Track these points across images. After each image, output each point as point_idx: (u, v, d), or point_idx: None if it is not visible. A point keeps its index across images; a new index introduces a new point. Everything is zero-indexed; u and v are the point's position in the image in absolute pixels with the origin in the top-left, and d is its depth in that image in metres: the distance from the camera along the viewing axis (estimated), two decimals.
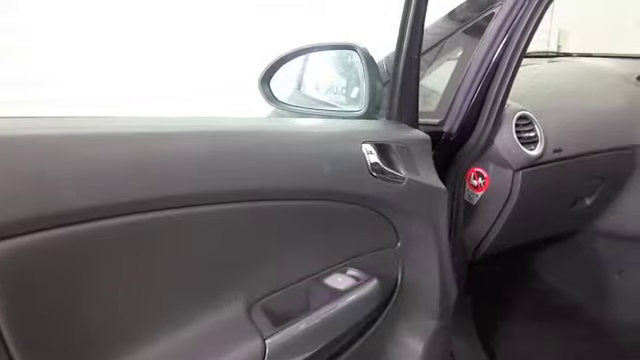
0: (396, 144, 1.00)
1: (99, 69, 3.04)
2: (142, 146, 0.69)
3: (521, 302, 2.01)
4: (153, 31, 3.19)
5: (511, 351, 1.70)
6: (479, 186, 1.35)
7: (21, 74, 2.82)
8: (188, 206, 0.70)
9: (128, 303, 0.68)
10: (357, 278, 0.93)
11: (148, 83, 3.13)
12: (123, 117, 0.78)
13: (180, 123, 0.79)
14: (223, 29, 3.38)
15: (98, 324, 0.66)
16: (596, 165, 1.49)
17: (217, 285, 0.77)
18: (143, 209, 0.65)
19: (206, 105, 3.11)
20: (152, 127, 0.74)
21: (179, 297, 0.74)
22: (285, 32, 3.10)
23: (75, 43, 2.99)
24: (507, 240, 1.50)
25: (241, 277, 0.80)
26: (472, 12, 1.24)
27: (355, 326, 0.95)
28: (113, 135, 0.68)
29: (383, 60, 1.24)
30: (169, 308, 0.72)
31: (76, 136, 0.65)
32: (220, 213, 0.74)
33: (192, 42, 3.28)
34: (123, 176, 0.65)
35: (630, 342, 1.74)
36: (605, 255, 1.86)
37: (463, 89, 1.18)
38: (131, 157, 0.67)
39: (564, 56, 2.07)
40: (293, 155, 0.85)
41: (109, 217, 0.63)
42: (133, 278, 0.68)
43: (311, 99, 1.47)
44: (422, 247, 1.09)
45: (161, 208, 0.67)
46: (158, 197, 0.67)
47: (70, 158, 0.62)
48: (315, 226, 0.90)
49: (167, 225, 0.69)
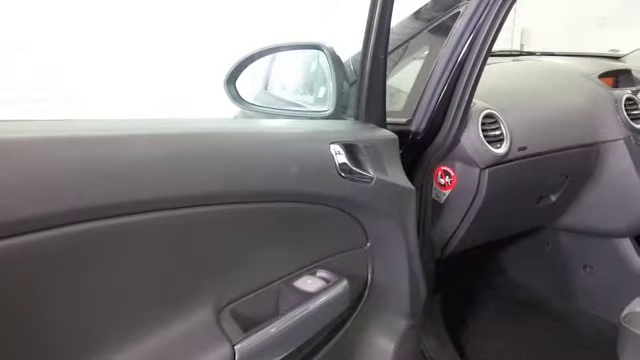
0: (364, 144, 1.00)
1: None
2: (98, 150, 0.66)
3: (489, 298, 2.04)
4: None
5: (480, 347, 1.72)
6: (446, 184, 1.36)
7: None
8: (150, 211, 0.68)
9: (91, 311, 0.66)
10: (327, 280, 0.93)
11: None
12: (77, 120, 0.74)
13: (139, 125, 0.76)
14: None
15: (61, 333, 0.63)
16: (560, 162, 1.52)
17: (184, 291, 0.75)
18: (101, 216, 0.63)
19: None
20: (108, 130, 0.71)
21: (144, 304, 0.72)
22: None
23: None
24: (475, 237, 1.51)
25: (209, 282, 0.78)
26: (438, 11, 1.25)
27: (326, 328, 0.94)
28: (65, 139, 0.65)
29: (350, 60, 1.24)
30: (134, 315, 0.70)
31: (23, 140, 0.61)
32: (184, 218, 0.72)
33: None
34: (77, 182, 0.62)
35: (595, 334, 1.77)
36: (570, 250, 1.90)
37: (430, 88, 1.18)
38: (86, 162, 0.64)
39: (528, 55, 2.10)
40: (260, 157, 0.84)
41: (64, 225, 0.60)
42: (95, 286, 0.66)
43: (278, 99, 1.46)
44: (391, 246, 1.09)
45: (121, 214, 0.65)
46: (117, 203, 0.65)
47: (17, 164, 0.59)
48: (284, 228, 0.89)
49: (128, 231, 0.67)
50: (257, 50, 1.27)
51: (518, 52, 2.14)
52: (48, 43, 2.90)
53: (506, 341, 1.78)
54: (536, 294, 2.02)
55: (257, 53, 1.28)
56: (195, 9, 3.36)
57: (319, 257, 0.96)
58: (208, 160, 0.76)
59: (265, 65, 1.46)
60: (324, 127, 1.04)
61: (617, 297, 1.24)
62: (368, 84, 1.06)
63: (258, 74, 1.45)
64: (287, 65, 1.47)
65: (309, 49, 1.28)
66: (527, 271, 2.10)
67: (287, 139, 0.94)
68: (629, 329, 1.03)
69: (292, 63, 1.46)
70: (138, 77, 3.14)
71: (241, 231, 0.82)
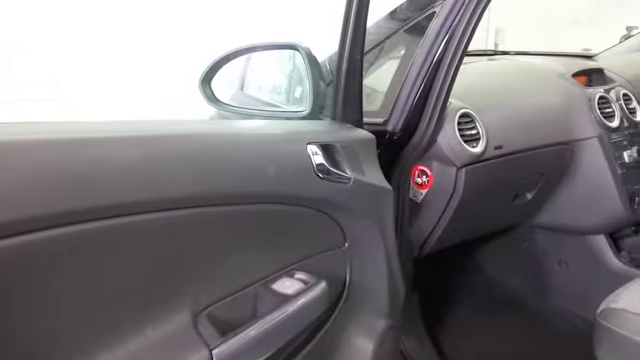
0: (341, 144, 0.99)
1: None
2: (70, 153, 0.64)
3: (467, 296, 2.05)
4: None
5: (458, 345, 1.73)
6: (423, 184, 1.36)
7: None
8: (125, 215, 0.66)
9: (66, 316, 0.65)
10: (305, 281, 0.92)
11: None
12: (45, 122, 0.72)
13: (112, 127, 0.75)
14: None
15: (34, 337, 0.62)
16: (535, 161, 1.53)
17: (159, 295, 0.74)
18: (74, 220, 0.62)
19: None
20: (81, 132, 0.69)
21: (119, 309, 0.70)
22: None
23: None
24: (452, 236, 1.52)
25: (185, 286, 0.77)
26: (413, 11, 1.25)
27: (305, 330, 0.93)
28: (37, 142, 0.63)
29: (326, 60, 1.24)
30: (109, 321, 0.69)
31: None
32: (159, 221, 0.71)
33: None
34: (49, 186, 0.60)
35: (570, 330, 1.79)
36: (546, 247, 1.92)
37: (406, 88, 1.18)
38: (58, 165, 0.62)
39: (502, 54, 2.11)
40: (236, 158, 0.83)
41: (37, 230, 0.59)
42: (69, 292, 0.65)
43: (254, 100, 1.45)
44: (369, 247, 1.08)
45: (94, 218, 0.63)
46: (91, 207, 0.63)
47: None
48: (261, 230, 0.88)
49: (102, 236, 0.65)
50: (232, 50, 1.26)
51: (493, 52, 2.16)
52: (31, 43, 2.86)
53: (484, 339, 1.79)
54: (513, 291, 2.04)
55: (232, 53, 1.26)
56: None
57: (297, 259, 0.95)
58: (183, 162, 0.75)
59: (241, 65, 1.45)
60: (301, 127, 1.04)
61: (592, 293, 1.25)
62: (345, 84, 1.06)
63: (234, 74, 1.43)
64: (263, 65, 1.46)
65: (285, 49, 1.27)
66: (504, 269, 2.11)
67: (264, 140, 0.93)
68: (605, 325, 1.04)
69: (268, 63, 1.45)
70: (120, 76, 3.11)
71: (217, 234, 0.80)
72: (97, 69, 3.01)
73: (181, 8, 3.25)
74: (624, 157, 1.67)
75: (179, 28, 3.24)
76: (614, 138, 1.66)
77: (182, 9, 3.25)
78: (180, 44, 3.22)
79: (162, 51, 3.19)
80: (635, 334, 0.98)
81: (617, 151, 1.66)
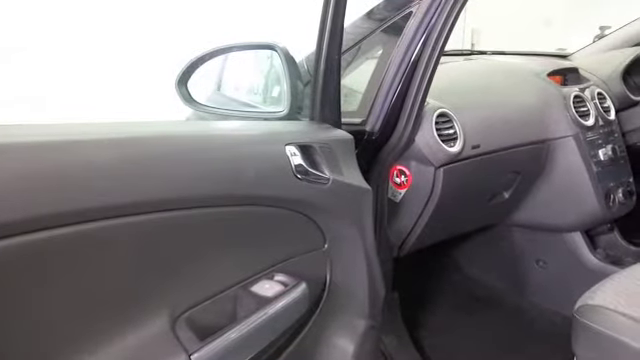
0: (320, 145, 0.99)
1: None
2: (43, 157, 0.63)
3: (446, 294, 2.06)
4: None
5: (439, 344, 1.73)
6: (402, 184, 1.36)
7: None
8: (100, 219, 0.65)
9: (42, 321, 0.64)
10: (285, 283, 0.91)
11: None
12: (19, 125, 0.70)
13: (87, 130, 0.73)
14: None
15: (10, 344, 0.61)
16: (512, 160, 1.54)
17: (137, 300, 0.73)
18: (49, 225, 0.60)
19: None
20: (54, 135, 0.68)
21: (97, 315, 0.69)
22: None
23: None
24: (431, 235, 1.52)
25: (163, 291, 0.76)
26: (390, 11, 1.25)
27: (285, 332, 0.93)
28: (7, 145, 0.61)
29: (304, 60, 1.23)
30: (86, 327, 0.68)
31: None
32: (136, 225, 0.70)
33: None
34: (22, 190, 0.59)
35: (549, 327, 1.81)
36: (523, 246, 1.94)
37: (384, 88, 1.18)
38: (31, 169, 0.61)
39: (479, 54, 2.13)
40: (214, 160, 0.82)
41: (9, 236, 0.57)
42: (46, 296, 0.63)
43: (232, 100, 1.44)
44: (349, 247, 1.08)
45: (71, 223, 0.62)
46: (66, 211, 0.62)
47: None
48: (239, 233, 0.87)
49: (80, 240, 0.64)
50: (209, 50, 1.25)
51: (469, 51, 2.17)
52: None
53: (463, 337, 1.80)
54: (492, 289, 2.06)
55: (209, 53, 1.25)
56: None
57: (277, 260, 0.94)
58: (159, 165, 0.74)
59: (218, 65, 1.44)
60: (279, 128, 1.03)
61: (570, 290, 1.26)
62: (322, 84, 1.05)
63: (211, 75, 1.42)
64: (240, 65, 1.45)
65: (262, 49, 1.27)
66: (482, 267, 2.13)
67: (241, 141, 0.92)
68: (582, 321, 1.05)
69: (245, 63, 1.44)
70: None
71: (196, 237, 0.79)
72: (73, 67, 2.96)
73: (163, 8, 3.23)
74: (599, 155, 1.69)
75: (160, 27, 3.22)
76: (589, 137, 1.68)
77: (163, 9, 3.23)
78: (160, 43, 3.19)
79: (141, 50, 3.16)
80: (611, 330, 0.99)
81: (592, 149, 1.68)
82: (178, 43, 3.03)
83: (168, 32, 3.31)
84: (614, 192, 1.72)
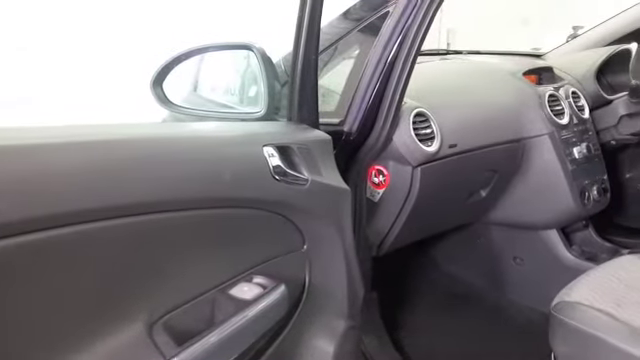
0: (298, 145, 0.98)
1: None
2: (18, 160, 0.62)
3: (425, 293, 2.07)
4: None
5: (418, 342, 1.74)
6: (380, 183, 1.36)
7: None
8: (74, 224, 0.64)
9: (17, 328, 0.62)
10: (264, 286, 0.91)
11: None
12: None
13: (61, 133, 0.71)
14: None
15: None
16: (489, 158, 1.55)
17: (113, 305, 0.72)
18: (23, 230, 0.59)
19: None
20: (29, 139, 0.66)
21: (72, 319, 0.68)
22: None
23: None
24: (409, 234, 1.53)
25: (139, 295, 0.75)
26: (367, 11, 1.25)
27: (264, 335, 0.92)
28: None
29: (281, 60, 1.22)
30: (60, 332, 0.67)
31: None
32: (113, 229, 0.68)
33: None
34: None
35: (526, 323, 1.83)
36: (501, 243, 1.95)
37: (361, 88, 1.18)
38: (8, 173, 0.60)
39: (455, 54, 2.14)
40: (190, 162, 0.81)
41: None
42: (20, 302, 0.62)
43: (208, 101, 1.43)
44: (328, 247, 1.08)
45: (45, 228, 0.61)
46: (42, 216, 0.61)
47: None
48: (217, 235, 0.87)
49: (53, 245, 0.63)
50: (184, 51, 1.24)
51: (445, 51, 2.18)
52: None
53: (442, 334, 1.81)
54: (470, 287, 2.07)
55: (184, 54, 1.24)
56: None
57: (255, 262, 0.94)
58: (135, 167, 0.73)
59: (194, 66, 1.42)
60: (256, 129, 1.02)
61: (547, 287, 1.27)
62: (300, 84, 1.05)
63: (187, 75, 1.41)
64: (217, 66, 1.43)
65: (239, 49, 1.26)
66: (461, 265, 2.14)
67: (218, 142, 0.91)
68: (559, 318, 1.06)
69: (222, 63, 1.43)
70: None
71: (172, 240, 0.78)
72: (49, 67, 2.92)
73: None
74: (574, 153, 1.71)
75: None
76: (564, 135, 1.70)
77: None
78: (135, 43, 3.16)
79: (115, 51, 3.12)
80: (588, 326, 1.01)
81: (567, 148, 1.70)
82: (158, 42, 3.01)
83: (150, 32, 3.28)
84: (589, 189, 1.75)
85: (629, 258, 1.24)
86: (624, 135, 1.93)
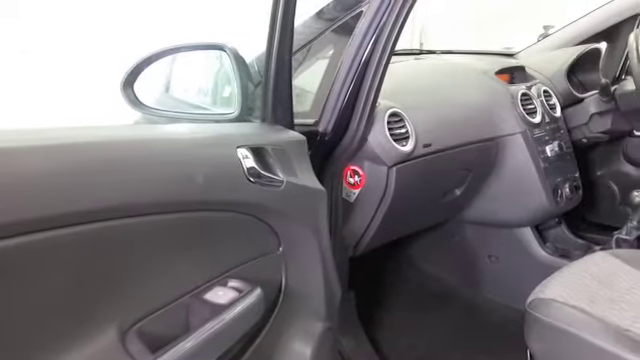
0: (272, 147, 0.97)
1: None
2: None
3: (401, 292, 2.08)
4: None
5: (395, 341, 1.75)
6: (356, 184, 1.36)
7: None
8: (41, 230, 0.62)
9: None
10: (239, 289, 0.89)
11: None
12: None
13: (25, 136, 0.69)
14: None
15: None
16: (463, 157, 1.56)
17: (82, 314, 0.70)
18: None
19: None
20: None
21: (39, 330, 0.66)
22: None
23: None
24: (386, 234, 1.53)
25: (111, 302, 0.73)
26: (340, 11, 1.24)
27: (241, 339, 0.91)
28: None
29: (254, 60, 1.21)
30: (28, 342, 0.64)
31: None
32: (82, 234, 0.66)
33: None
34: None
35: (502, 321, 1.85)
36: (476, 241, 1.97)
37: (336, 88, 1.17)
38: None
39: (428, 53, 2.15)
40: (162, 164, 0.79)
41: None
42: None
43: (181, 102, 1.41)
44: (304, 249, 1.07)
45: (10, 235, 0.59)
46: (5, 223, 0.58)
47: None
48: (191, 239, 0.85)
49: (19, 252, 0.61)
50: (155, 51, 1.21)
51: (419, 51, 2.19)
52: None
53: (419, 333, 1.81)
54: (446, 285, 2.08)
55: (155, 54, 1.22)
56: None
57: (230, 266, 0.92)
58: (106, 171, 0.71)
59: (166, 66, 1.40)
60: (230, 130, 1.01)
61: (522, 284, 1.28)
62: (274, 85, 1.04)
63: (159, 76, 1.39)
64: (189, 66, 1.41)
65: (211, 49, 1.24)
66: (436, 264, 2.16)
67: (191, 144, 0.89)
68: (534, 315, 1.07)
69: (194, 64, 1.41)
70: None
71: (144, 245, 0.77)
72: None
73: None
74: (547, 151, 1.73)
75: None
76: (536, 133, 1.72)
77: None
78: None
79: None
80: (562, 322, 1.02)
81: (540, 146, 1.72)
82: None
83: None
84: (561, 187, 1.77)
85: (601, 255, 1.25)
86: (595, 133, 1.96)
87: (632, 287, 1.09)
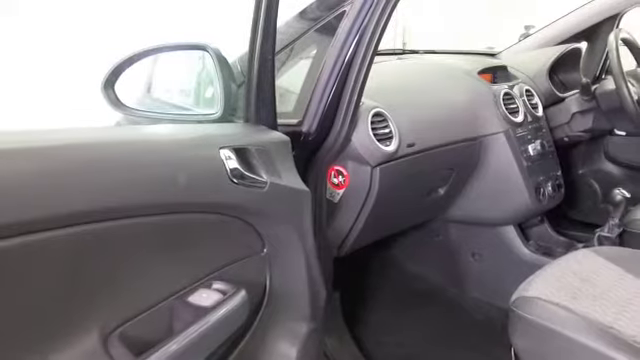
0: (255, 147, 0.97)
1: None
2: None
3: (386, 291, 2.08)
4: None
5: (380, 341, 1.75)
6: (340, 184, 1.36)
7: None
8: (20, 235, 0.60)
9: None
10: (224, 292, 0.89)
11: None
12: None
13: (3, 139, 0.67)
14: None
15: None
16: (447, 157, 1.57)
17: (64, 319, 0.69)
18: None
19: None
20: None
21: (20, 335, 0.64)
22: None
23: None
24: (370, 234, 1.53)
25: (92, 307, 0.72)
26: (323, 11, 1.24)
27: (226, 341, 0.91)
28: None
29: (237, 60, 1.21)
30: (8, 348, 0.63)
31: None
32: (60, 239, 0.65)
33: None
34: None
35: (486, 319, 1.86)
36: (460, 240, 1.98)
37: (319, 88, 1.17)
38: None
39: (411, 53, 2.15)
40: (145, 166, 0.78)
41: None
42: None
43: (163, 103, 1.40)
44: (288, 250, 1.07)
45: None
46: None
47: None
48: (174, 241, 0.84)
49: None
50: (137, 51, 1.20)
51: (402, 51, 2.19)
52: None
53: (403, 332, 1.82)
54: (430, 284, 2.09)
55: (137, 54, 1.20)
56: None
57: (214, 268, 0.92)
58: (87, 174, 0.69)
59: (147, 67, 1.39)
60: (213, 131, 1.00)
61: (505, 283, 1.29)
62: (257, 85, 1.03)
63: (141, 77, 1.37)
64: (171, 67, 1.40)
65: (193, 50, 1.23)
66: (421, 262, 2.16)
67: (173, 146, 0.88)
68: (518, 313, 1.07)
69: (176, 64, 1.40)
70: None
71: (127, 248, 0.76)
72: None
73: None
74: (529, 150, 1.74)
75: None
76: (519, 132, 1.73)
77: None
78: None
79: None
80: (546, 320, 1.02)
81: (522, 145, 1.73)
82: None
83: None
84: (544, 185, 1.78)
85: (583, 252, 1.26)
86: (576, 132, 1.99)
87: (614, 284, 1.10)
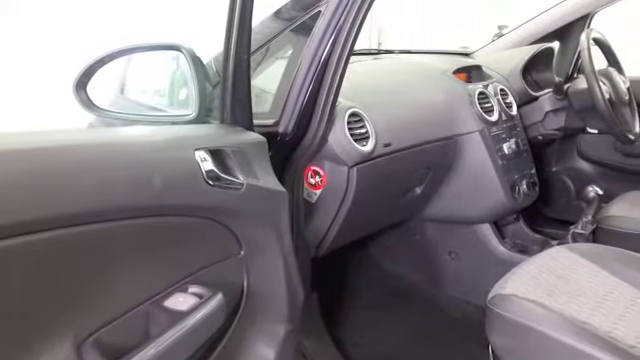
0: (231, 148, 0.96)
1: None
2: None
3: (364, 291, 2.08)
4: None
5: (359, 341, 1.75)
6: (317, 184, 1.36)
7: None
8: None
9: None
10: (200, 295, 0.88)
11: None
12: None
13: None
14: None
15: None
16: (423, 156, 1.57)
17: (36, 326, 0.67)
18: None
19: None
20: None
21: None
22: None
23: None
24: (348, 234, 1.53)
25: (66, 313, 0.70)
26: (299, 11, 1.23)
27: (203, 345, 0.90)
28: None
29: (212, 61, 1.19)
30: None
31: None
32: (31, 244, 0.64)
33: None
34: None
35: (463, 317, 1.87)
36: (436, 239, 1.99)
37: (295, 88, 1.17)
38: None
39: (386, 53, 2.16)
40: (118, 169, 0.76)
41: None
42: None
43: (136, 104, 1.38)
44: (266, 252, 1.06)
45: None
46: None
47: None
48: (148, 245, 0.83)
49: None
50: (109, 52, 1.18)
51: (377, 51, 2.19)
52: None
53: (382, 332, 1.82)
54: (408, 283, 2.10)
55: (109, 55, 1.18)
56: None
57: (190, 272, 0.90)
58: (57, 177, 0.68)
59: (120, 67, 1.37)
60: (187, 132, 0.99)
61: (482, 281, 1.30)
62: (232, 85, 1.02)
63: (114, 77, 1.35)
64: (145, 67, 1.38)
65: (167, 50, 1.22)
66: (398, 261, 2.17)
67: (147, 147, 0.87)
68: (495, 311, 1.08)
69: (150, 65, 1.38)
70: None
71: (101, 252, 0.74)
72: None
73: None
74: (504, 149, 1.76)
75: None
76: (494, 131, 1.74)
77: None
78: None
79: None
80: (523, 317, 1.03)
81: (497, 143, 1.75)
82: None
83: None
84: (519, 184, 1.80)
85: (558, 249, 1.28)
86: (550, 130, 2.01)
87: (589, 281, 1.12)
